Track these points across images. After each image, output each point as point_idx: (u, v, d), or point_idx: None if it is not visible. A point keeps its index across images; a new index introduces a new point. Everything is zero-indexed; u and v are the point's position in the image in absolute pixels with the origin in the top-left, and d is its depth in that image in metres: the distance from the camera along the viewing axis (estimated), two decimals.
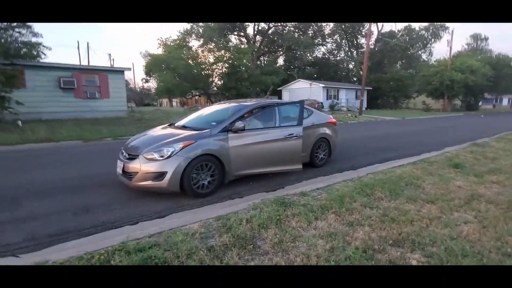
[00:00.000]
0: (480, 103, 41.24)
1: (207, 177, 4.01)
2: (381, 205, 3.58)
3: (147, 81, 42.16)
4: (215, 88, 31.92)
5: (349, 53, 46.31)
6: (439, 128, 14.87)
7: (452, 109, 36.76)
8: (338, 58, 46.69)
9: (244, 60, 26.89)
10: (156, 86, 34.74)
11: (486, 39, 55.12)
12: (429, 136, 11.03)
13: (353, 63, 45.17)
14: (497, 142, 8.84)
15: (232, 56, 26.75)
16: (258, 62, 38.52)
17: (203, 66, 27.31)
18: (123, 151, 4.30)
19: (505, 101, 57.86)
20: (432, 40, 42.56)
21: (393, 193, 4.00)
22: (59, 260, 2.35)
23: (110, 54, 76.54)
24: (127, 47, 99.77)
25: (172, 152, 3.77)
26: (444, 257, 2.45)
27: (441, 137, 10.80)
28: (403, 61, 43.49)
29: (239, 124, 4.13)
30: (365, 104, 31.62)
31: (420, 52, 43.99)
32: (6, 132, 9.78)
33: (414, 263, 2.42)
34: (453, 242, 2.69)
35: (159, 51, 32.59)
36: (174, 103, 46.45)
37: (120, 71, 16.73)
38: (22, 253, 2.62)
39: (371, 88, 35.26)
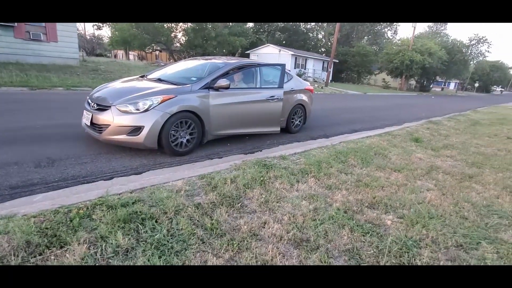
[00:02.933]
0: (431, 85, 44.61)
1: (186, 135, 3.88)
2: (354, 171, 3.81)
3: (99, 28, 37.80)
4: (178, 45, 29.96)
5: (319, 22, 45.99)
6: (397, 105, 15.90)
7: (407, 88, 39.31)
8: (308, 26, 46.20)
9: None
10: (110, 35, 31.49)
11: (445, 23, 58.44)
12: (390, 112, 11.77)
13: (323, 33, 45.19)
14: (448, 121, 9.77)
15: None
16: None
17: None
18: (90, 101, 3.92)
19: (451, 85, 63.42)
20: None
21: (364, 161, 4.27)
22: (30, 213, 2.15)
23: None
24: None
25: (150, 105, 3.53)
26: (414, 218, 2.74)
27: (400, 113, 11.59)
28: (370, 36, 44.60)
29: (223, 82, 3.97)
30: (330, 76, 32.37)
31: (386, 29, 45.28)
32: None
33: (389, 223, 2.66)
34: (420, 206, 3.01)
35: None
36: (131, 57, 42.81)
37: None
38: None
39: (337, 61, 35.93)
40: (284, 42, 41.96)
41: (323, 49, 43.49)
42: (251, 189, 2.94)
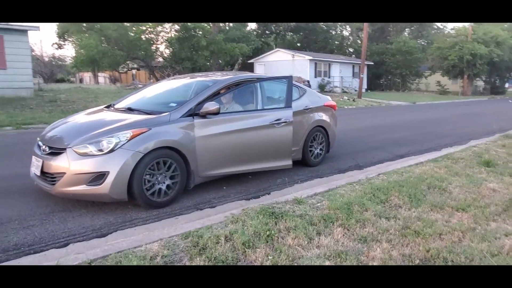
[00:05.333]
0: (506, 85, 44.35)
1: (166, 179, 3.94)
2: (399, 214, 3.75)
3: (60, 47, 39.94)
4: (161, 59, 31.20)
5: None
6: (459, 115, 15.80)
7: (473, 92, 39.14)
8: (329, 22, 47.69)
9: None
10: (74, 55, 33.25)
11: None
12: (449, 126, 11.69)
13: (349, 30, 46.45)
14: None
15: None
16: (222, 25, 38.25)
17: (144, 28, 26.50)
18: (41, 143, 4.08)
19: None
20: None
21: (414, 198, 4.20)
22: None
23: None
24: None
25: (116, 144, 3.64)
26: None
27: (464, 127, 11.48)
28: (412, 28, 45.49)
29: (211, 106, 4.09)
30: (365, 85, 32.74)
31: None
32: None
33: None
34: (494, 259, 2.89)
35: None
36: (101, 79, 44.75)
37: (22, 31, 15.70)
38: None
39: (372, 63, 36.51)
40: (298, 44, 43.25)
41: (351, 50, 44.45)
42: (253, 248, 2.92)
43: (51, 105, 13.56)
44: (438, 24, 46.83)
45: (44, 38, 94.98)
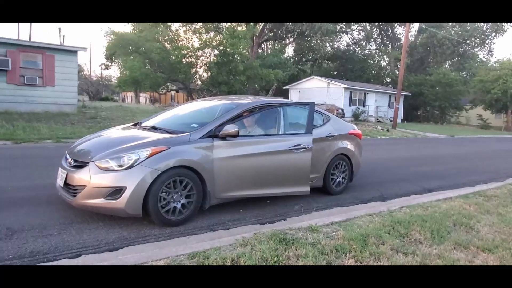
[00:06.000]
0: None
1: (181, 198, 3.97)
2: (419, 250, 3.57)
3: (107, 67, 42.34)
4: (199, 82, 32.19)
5: (381, 45, 47.23)
6: (499, 151, 15.04)
7: None
8: (367, 51, 47.57)
9: (241, 47, 27.28)
10: (119, 75, 34.98)
11: None
12: (487, 162, 11.15)
13: (387, 60, 46.01)
14: None
15: (224, 41, 27.09)
16: (260, 51, 39.12)
17: (185, 52, 27.61)
18: (68, 156, 4.26)
19: None
20: (493, 34, 43.35)
21: (436, 235, 4.00)
22: None
23: (60, 29, 76.98)
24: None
25: (136, 160, 3.74)
26: None
27: (503, 164, 10.91)
28: (454, 59, 44.34)
29: (231, 128, 4.13)
30: (401, 115, 32.04)
31: (476, 49, 44.94)
32: None
33: None
34: None
35: (127, 28, 32.98)
36: (141, 99, 46.67)
37: (72, 51, 16.82)
38: None
39: (409, 94, 35.82)
40: (335, 73, 43.25)
41: (388, 79, 43.87)
42: None
43: (92, 122, 14.23)
44: (481, 56, 45.48)
45: (93, 58, 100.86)
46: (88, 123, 13.82)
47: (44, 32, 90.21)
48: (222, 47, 27.36)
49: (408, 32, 26.36)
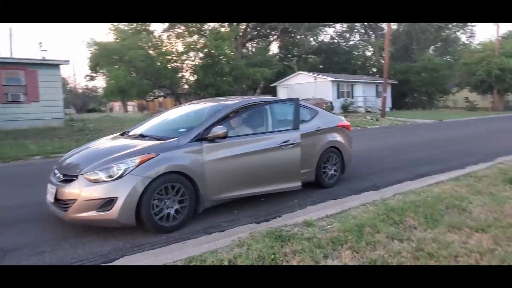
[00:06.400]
0: None
1: (174, 204, 3.96)
2: (414, 236, 3.60)
3: (92, 78, 41.92)
4: (186, 86, 32.06)
5: (365, 36, 47.54)
6: (487, 132, 15.23)
7: (504, 107, 37.78)
8: (351, 43, 47.88)
9: (225, 48, 27.21)
10: (104, 85, 34.64)
11: None
12: (476, 144, 11.29)
13: (371, 50, 46.33)
14: None
15: (208, 43, 27.03)
16: (244, 50, 39.10)
17: (170, 57, 27.48)
18: (56, 171, 4.22)
19: None
20: None
21: (430, 219, 4.03)
22: None
23: (41, 43, 76.13)
24: (66, 32, 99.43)
25: (125, 169, 3.72)
26: None
27: (492, 144, 11.05)
28: (438, 45, 44.84)
29: (219, 130, 4.14)
30: (389, 104, 32.29)
31: (458, 33, 45.48)
32: None
33: None
34: None
35: (110, 38, 32.68)
36: (129, 108, 46.34)
37: (55, 65, 16.65)
38: None
39: (396, 82, 36.08)
40: (321, 66, 43.43)
41: (374, 69, 44.16)
42: None
43: (80, 134, 14.09)
44: (464, 39, 46.05)
45: (78, 71, 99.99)
46: (76, 136, 13.69)
47: (25, 47, 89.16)
48: (206, 50, 27.30)
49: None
